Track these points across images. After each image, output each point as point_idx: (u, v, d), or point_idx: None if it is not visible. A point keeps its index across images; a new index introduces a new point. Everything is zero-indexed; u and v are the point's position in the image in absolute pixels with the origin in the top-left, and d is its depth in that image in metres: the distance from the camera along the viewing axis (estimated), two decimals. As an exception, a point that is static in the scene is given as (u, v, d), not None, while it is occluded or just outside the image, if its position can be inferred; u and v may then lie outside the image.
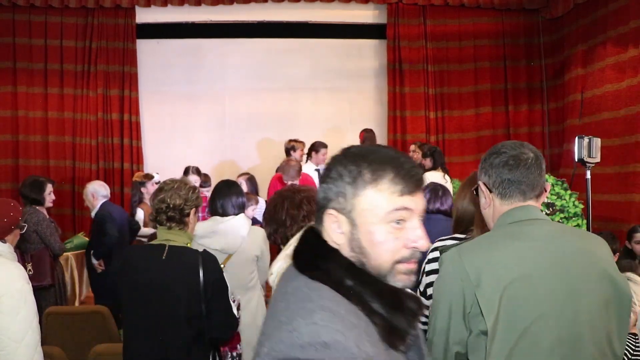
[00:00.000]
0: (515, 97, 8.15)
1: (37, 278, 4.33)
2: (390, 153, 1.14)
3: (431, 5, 7.95)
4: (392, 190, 1.09)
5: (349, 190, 1.11)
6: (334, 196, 1.13)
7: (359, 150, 1.14)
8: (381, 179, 1.09)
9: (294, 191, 2.09)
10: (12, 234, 2.60)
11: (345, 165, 1.12)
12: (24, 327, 2.34)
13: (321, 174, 1.16)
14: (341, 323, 1.00)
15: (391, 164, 1.10)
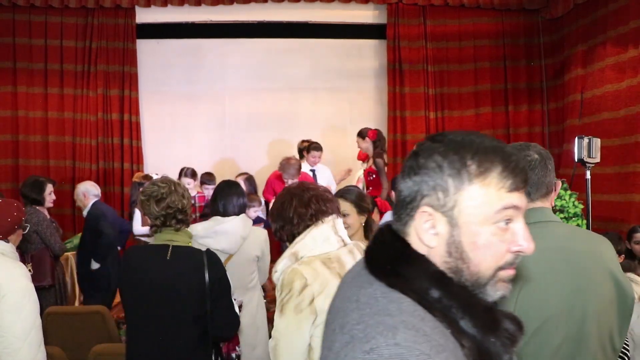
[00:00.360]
0: (515, 97, 8.15)
1: (38, 278, 4.32)
2: (493, 142, 0.98)
3: (431, 6, 7.95)
4: (500, 186, 0.94)
5: (451, 184, 0.95)
6: (429, 191, 0.96)
7: (459, 138, 0.98)
8: (489, 172, 0.94)
9: (303, 189, 2.08)
10: (15, 234, 2.61)
11: (446, 154, 0.96)
12: (28, 325, 2.35)
13: (407, 164, 1.01)
14: (428, 344, 0.85)
15: (499, 155, 0.96)
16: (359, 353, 0.86)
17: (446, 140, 0.98)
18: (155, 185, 2.51)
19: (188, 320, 2.40)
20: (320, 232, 1.99)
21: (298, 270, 1.90)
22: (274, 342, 1.92)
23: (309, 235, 1.98)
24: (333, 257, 1.96)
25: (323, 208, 2.02)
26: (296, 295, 1.87)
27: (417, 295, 0.92)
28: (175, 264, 2.41)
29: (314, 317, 1.87)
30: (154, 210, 2.45)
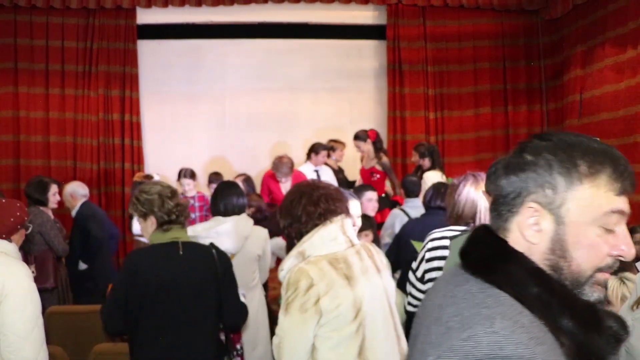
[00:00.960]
0: (514, 97, 8.17)
1: (40, 280, 4.30)
2: (602, 145, 1.00)
3: (431, 6, 7.97)
4: (609, 188, 0.95)
5: (560, 182, 0.96)
6: (536, 188, 0.97)
7: (568, 138, 1.00)
8: (599, 174, 0.95)
9: (312, 187, 2.08)
10: (18, 234, 2.63)
11: (555, 152, 0.99)
12: (30, 324, 2.37)
13: (511, 161, 1.04)
14: (526, 335, 0.85)
15: (608, 157, 0.97)
16: (456, 341, 0.87)
17: (555, 139, 1.01)
18: (158, 185, 2.57)
19: (205, 313, 2.48)
20: (328, 231, 1.99)
21: (304, 270, 1.90)
22: (278, 340, 1.93)
23: (317, 235, 1.98)
24: (340, 258, 1.96)
25: (332, 207, 2.02)
26: (302, 294, 1.87)
27: (515, 292, 0.92)
28: (189, 259, 2.45)
29: (318, 317, 1.88)
30: (168, 205, 2.47)
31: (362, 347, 1.92)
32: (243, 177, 5.90)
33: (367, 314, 1.94)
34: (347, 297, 1.91)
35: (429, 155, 6.24)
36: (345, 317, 1.90)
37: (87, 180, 7.51)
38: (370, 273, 2.02)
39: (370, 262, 2.05)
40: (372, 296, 1.99)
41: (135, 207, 2.54)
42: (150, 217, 2.51)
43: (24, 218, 2.63)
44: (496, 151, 8.06)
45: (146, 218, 2.52)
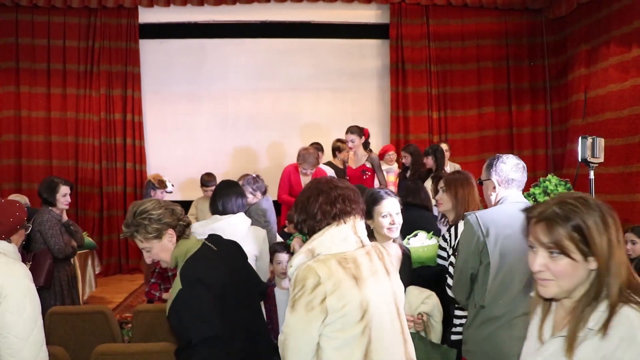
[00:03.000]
0: (518, 97, 8.14)
1: (33, 277, 4.29)
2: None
3: (434, 5, 7.94)
4: None
5: None
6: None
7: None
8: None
9: (331, 186, 2.04)
10: (17, 234, 2.60)
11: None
12: (30, 325, 2.35)
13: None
14: None
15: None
16: None
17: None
18: (150, 201, 2.44)
19: (256, 303, 2.62)
20: (339, 231, 1.97)
21: (312, 268, 1.88)
22: (284, 336, 1.92)
23: (328, 233, 1.96)
24: (349, 258, 1.94)
25: (348, 209, 2.01)
26: (308, 292, 1.85)
27: None
28: (224, 254, 2.46)
29: (324, 316, 1.86)
30: (177, 211, 2.40)
31: (367, 350, 1.90)
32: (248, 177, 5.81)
33: (373, 316, 1.92)
34: (354, 297, 1.89)
35: (432, 154, 6.20)
36: (351, 317, 1.88)
37: (88, 179, 7.53)
38: (379, 275, 2.00)
39: (380, 264, 2.02)
40: (380, 298, 1.96)
41: (148, 229, 2.31)
42: (166, 232, 2.34)
43: (23, 218, 2.60)
44: (500, 150, 7.98)
45: (162, 235, 2.34)
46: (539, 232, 1.39)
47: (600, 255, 1.36)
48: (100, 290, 6.51)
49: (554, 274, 1.38)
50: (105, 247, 7.63)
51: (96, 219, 7.65)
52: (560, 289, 1.40)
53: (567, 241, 1.36)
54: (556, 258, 1.37)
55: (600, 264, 1.36)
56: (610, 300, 1.34)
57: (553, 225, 1.37)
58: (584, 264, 1.37)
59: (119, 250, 7.69)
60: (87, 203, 7.60)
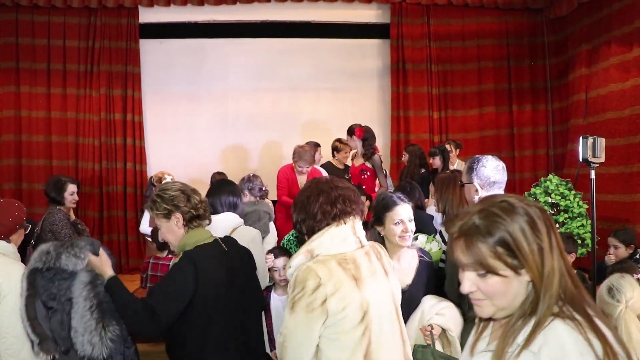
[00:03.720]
0: (519, 97, 8.12)
1: None
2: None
3: (435, 5, 7.93)
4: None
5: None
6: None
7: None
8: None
9: (331, 186, 2.03)
10: (16, 234, 2.60)
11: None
12: None
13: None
14: None
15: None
16: None
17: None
18: (179, 183, 2.49)
19: (256, 308, 2.56)
20: (339, 231, 1.96)
21: (312, 269, 1.86)
22: (282, 338, 1.89)
23: (327, 234, 1.95)
24: (349, 258, 1.92)
25: (348, 209, 1.99)
26: (309, 294, 1.83)
27: None
28: (232, 253, 2.46)
29: (324, 318, 1.84)
30: (194, 200, 2.40)
31: (367, 351, 1.88)
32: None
33: (373, 317, 1.90)
34: (354, 298, 1.87)
35: (440, 155, 6.20)
36: (351, 319, 1.86)
37: (88, 179, 7.52)
38: (378, 275, 1.98)
39: (378, 264, 2.01)
40: (379, 299, 1.95)
41: (158, 206, 2.38)
42: (175, 215, 2.37)
43: (22, 218, 2.60)
44: (500, 151, 8.02)
45: (170, 216, 2.37)
46: (458, 251, 1.22)
47: (532, 266, 1.19)
48: (101, 290, 6.49)
49: (486, 294, 1.23)
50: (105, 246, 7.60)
51: (96, 219, 7.63)
52: (497, 308, 1.25)
53: (492, 259, 1.18)
54: (484, 277, 1.21)
55: (534, 275, 1.19)
56: (538, 314, 1.19)
57: (473, 242, 1.19)
58: (517, 277, 1.21)
59: (119, 250, 7.67)
60: (87, 203, 7.58)
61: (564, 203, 6.03)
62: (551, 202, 6.07)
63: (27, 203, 6.81)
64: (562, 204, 6.04)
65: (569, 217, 6.03)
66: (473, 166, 2.72)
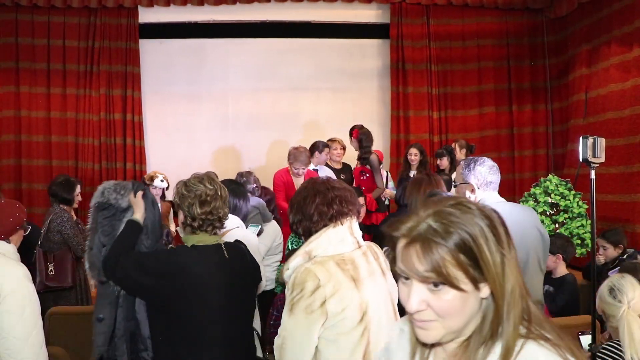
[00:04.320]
0: (519, 97, 8.12)
1: (59, 279, 4.30)
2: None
3: (434, 5, 7.92)
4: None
5: None
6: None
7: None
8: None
9: (327, 187, 2.02)
10: (16, 234, 2.59)
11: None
12: (29, 326, 2.34)
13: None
14: None
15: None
16: None
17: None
18: (202, 185, 2.36)
19: (248, 317, 2.45)
20: (336, 232, 1.95)
21: (311, 270, 1.85)
22: (281, 340, 1.88)
23: (325, 235, 1.94)
24: (347, 259, 1.92)
25: (344, 210, 1.99)
26: (307, 295, 1.82)
27: None
28: (234, 261, 2.36)
29: (324, 319, 1.83)
30: (196, 211, 2.31)
31: (366, 351, 1.88)
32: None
33: (372, 318, 1.90)
34: (353, 299, 1.87)
35: (447, 155, 6.20)
36: (351, 320, 1.86)
37: (88, 180, 7.50)
38: (376, 275, 1.98)
39: (376, 264, 2.01)
40: (378, 299, 1.95)
41: (175, 197, 2.43)
42: (180, 213, 2.41)
43: (22, 219, 2.60)
44: (500, 151, 8.02)
45: (178, 213, 2.44)
46: (412, 258, 0.98)
47: (494, 279, 0.98)
48: (100, 290, 6.49)
49: (438, 313, 0.99)
50: (105, 247, 7.61)
51: (96, 219, 7.62)
52: (447, 330, 1.01)
53: (453, 267, 0.96)
54: (439, 291, 0.98)
55: (496, 290, 0.99)
56: (504, 337, 1.00)
57: (430, 247, 0.97)
58: (475, 293, 1.00)
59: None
60: (87, 203, 7.52)
61: (564, 203, 6.03)
62: (551, 202, 6.07)
63: (27, 203, 6.81)
64: (562, 204, 6.04)
65: (568, 217, 6.03)
66: (470, 166, 2.76)
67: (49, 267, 4.29)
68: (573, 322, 3.35)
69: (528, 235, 2.71)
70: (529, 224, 2.76)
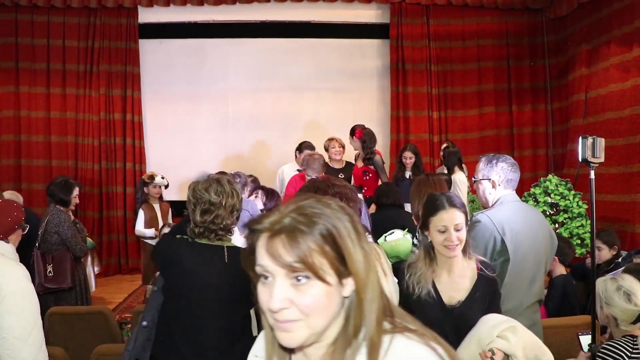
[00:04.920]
0: (518, 97, 8.12)
1: (57, 280, 4.29)
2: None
3: (434, 5, 7.93)
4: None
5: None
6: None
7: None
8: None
9: (327, 184, 2.02)
10: (14, 234, 2.59)
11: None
12: (29, 326, 2.33)
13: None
14: None
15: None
16: None
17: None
18: (207, 193, 2.30)
19: (238, 320, 2.38)
20: None
21: None
22: None
23: None
24: None
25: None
26: None
27: None
28: (233, 267, 2.29)
29: None
30: (197, 218, 2.29)
31: (366, 351, 1.87)
32: (251, 178, 5.73)
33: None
34: None
35: (448, 154, 6.18)
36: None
37: (88, 180, 7.52)
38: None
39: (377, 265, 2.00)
40: None
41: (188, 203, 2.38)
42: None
43: (21, 218, 2.59)
44: (500, 151, 8.00)
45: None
46: (279, 249, 0.93)
47: (357, 272, 0.94)
48: (100, 290, 6.49)
49: (303, 310, 0.92)
50: (105, 247, 7.62)
51: (96, 219, 7.63)
52: (311, 331, 0.94)
53: (319, 256, 0.92)
54: (303, 285, 0.92)
55: (359, 286, 0.95)
56: (368, 334, 0.96)
57: (296, 236, 0.93)
58: (339, 289, 0.95)
59: (119, 251, 7.68)
60: (87, 203, 7.58)
61: (564, 203, 6.03)
62: (551, 202, 6.07)
63: (27, 203, 6.80)
64: (562, 204, 6.04)
65: (568, 217, 6.03)
66: (492, 162, 2.70)
67: (48, 269, 4.28)
68: (573, 322, 3.34)
69: (543, 238, 2.70)
70: (544, 227, 2.76)
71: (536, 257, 2.65)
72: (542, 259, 2.70)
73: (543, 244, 2.70)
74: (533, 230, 2.67)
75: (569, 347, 3.14)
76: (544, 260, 2.72)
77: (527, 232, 2.62)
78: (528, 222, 2.66)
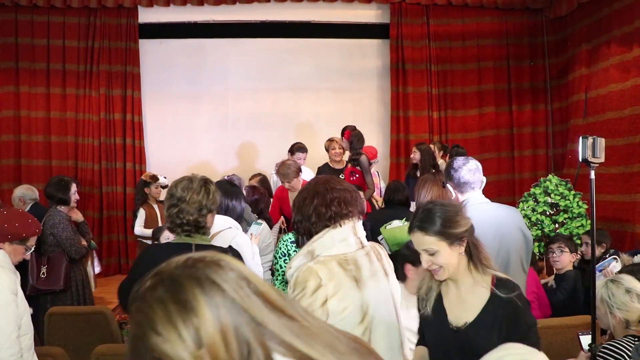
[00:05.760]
0: (518, 97, 8.12)
1: (50, 282, 4.23)
2: None
3: (434, 5, 7.93)
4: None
5: None
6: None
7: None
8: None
9: (327, 188, 2.01)
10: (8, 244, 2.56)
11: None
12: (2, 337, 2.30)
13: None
14: None
15: None
16: None
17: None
18: (176, 189, 2.33)
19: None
20: (339, 232, 1.95)
21: (313, 270, 1.85)
22: None
23: (328, 235, 1.94)
24: (350, 259, 1.91)
25: (344, 212, 1.97)
26: (309, 294, 1.82)
27: None
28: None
29: (325, 319, 1.83)
30: (170, 211, 2.32)
31: (366, 352, 1.87)
32: (259, 177, 5.69)
33: (374, 318, 1.90)
34: (354, 299, 1.86)
35: (455, 155, 6.18)
36: (351, 320, 1.85)
37: (88, 180, 7.51)
38: (379, 276, 1.98)
39: (379, 265, 2.00)
40: (379, 300, 1.94)
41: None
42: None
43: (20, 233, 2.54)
44: (500, 151, 8.03)
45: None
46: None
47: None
48: (100, 290, 6.49)
49: None
50: (105, 247, 7.61)
51: (96, 219, 7.63)
52: None
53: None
54: None
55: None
56: None
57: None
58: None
59: (119, 251, 7.68)
60: (87, 203, 7.58)
61: (564, 203, 6.03)
62: (551, 202, 6.07)
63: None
64: (562, 204, 6.03)
65: (568, 217, 6.03)
66: (448, 169, 2.79)
67: (42, 270, 4.23)
68: (573, 322, 3.34)
69: (511, 235, 2.70)
70: (512, 225, 2.74)
71: (507, 256, 2.65)
72: (515, 258, 2.68)
73: (514, 243, 2.70)
74: (502, 229, 2.67)
75: (569, 347, 3.15)
76: (518, 258, 2.70)
77: (494, 233, 2.58)
78: (497, 222, 2.67)
